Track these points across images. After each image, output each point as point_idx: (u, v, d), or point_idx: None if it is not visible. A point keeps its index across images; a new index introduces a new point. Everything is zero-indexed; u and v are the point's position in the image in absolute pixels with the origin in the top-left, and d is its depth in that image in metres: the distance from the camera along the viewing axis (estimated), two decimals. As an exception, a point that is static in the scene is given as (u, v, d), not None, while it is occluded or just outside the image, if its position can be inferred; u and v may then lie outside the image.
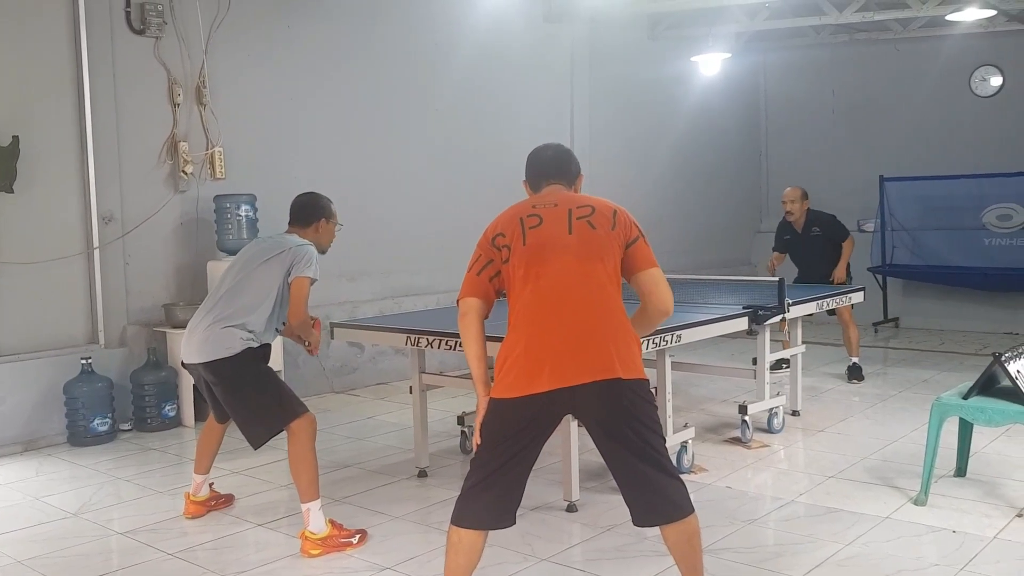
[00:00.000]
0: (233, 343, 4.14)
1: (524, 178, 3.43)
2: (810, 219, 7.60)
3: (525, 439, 3.01)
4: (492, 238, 3.18)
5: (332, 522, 4.12)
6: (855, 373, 7.46)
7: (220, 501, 4.70)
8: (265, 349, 4.31)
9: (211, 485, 4.68)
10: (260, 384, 4.22)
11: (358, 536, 4.14)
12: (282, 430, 4.18)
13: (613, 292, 3.05)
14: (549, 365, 2.92)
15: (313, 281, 4.23)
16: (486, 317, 3.17)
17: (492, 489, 3.03)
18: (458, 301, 3.19)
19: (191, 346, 4.25)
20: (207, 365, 4.19)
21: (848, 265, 7.67)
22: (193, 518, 4.55)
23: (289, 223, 4.47)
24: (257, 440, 4.23)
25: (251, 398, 4.20)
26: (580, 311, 2.98)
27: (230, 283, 4.29)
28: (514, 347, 2.99)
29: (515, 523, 3.10)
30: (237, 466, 5.38)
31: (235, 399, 4.23)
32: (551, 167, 3.35)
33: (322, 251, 4.43)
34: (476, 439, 3.09)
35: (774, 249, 7.93)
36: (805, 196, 7.61)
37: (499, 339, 3.10)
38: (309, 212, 4.47)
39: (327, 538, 4.06)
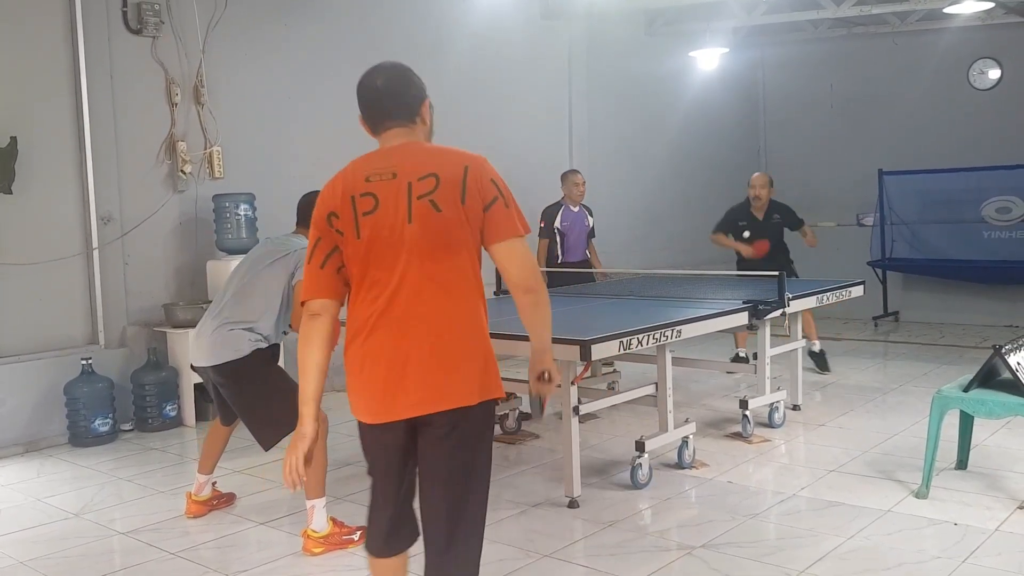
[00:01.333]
0: (241, 345, 4.13)
1: (360, 115, 2.75)
2: (771, 207, 7.75)
3: (397, 459, 2.64)
4: (327, 216, 2.60)
5: (333, 520, 4.12)
6: (820, 362, 7.59)
7: (222, 500, 4.70)
8: (274, 349, 4.31)
9: (214, 484, 4.68)
10: (270, 385, 4.21)
11: (359, 533, 4.13)
12: (292, 431, 4.16)
13: (469, 296, 2.55)
14: (394, 394, 2.51)
15: None
16: (337, 317, 2.67)
17: (387, 510, 2.72)
18: (302, 303, 2.65)
19: (200, 349, 4.24)
20: (216, 368, 4.18)
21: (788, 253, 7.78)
22: (195, 517, 4.55)
23: (296, 223, 4.43)
24: (267, 442, 4.23)
25: (260, 400, 4.19)
26: (426, 329, 2.50)
27: (237, 285, 4.28)
28: (354, 365, 2.59)
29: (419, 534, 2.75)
30: (239, 465, 5.38)
31: (244, 401, 4.23)
32: (386, 101, 2.69)
33: None
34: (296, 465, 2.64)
35: (716, 229, 7.81)
36: (771, 183, 7.83)
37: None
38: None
39: (328, 536, 4.06)
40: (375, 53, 7.77)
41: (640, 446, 4.75)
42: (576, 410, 4.49)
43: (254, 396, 4.20)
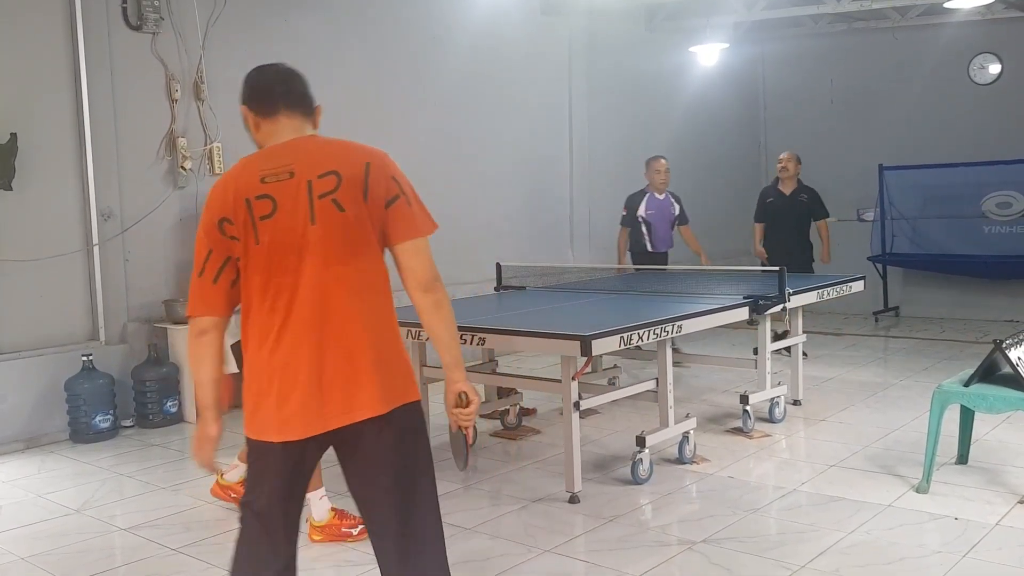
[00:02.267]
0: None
1: (242, 102, 2.54)
2: (800, 187, 7.96)
3: (294, 488, 2.49)
4: (218, 223, 2.40)
5: (335, 510, 4.15)
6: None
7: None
8: None
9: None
10: None
11: (359, 528, 4.14)
12: None
13: (377, 296, 2.44)
14: (313, 404, 2.35)
15: None
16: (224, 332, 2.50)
17: (276, 563, 2.48)
18: (189, 317, 2.48)
19: None
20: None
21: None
22: (215, 498, 4.58)
23: None
24: None
25: None
26: (336, 334, 2.36)
27: None
28: (261, 378, 2.40)
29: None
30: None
31: None
32: (282, 87, 2.52)
33: None
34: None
35: (756, 219, 8.14)
36: (799, 160, 8.01)
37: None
38: None
39: (327, 526, 4.11)
40: (375, 49, 7.78)
41: (641, 441, 4.75)
42: (577, 405, 4.49)
43: None
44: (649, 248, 7.79)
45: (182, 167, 6.70)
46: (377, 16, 7.96)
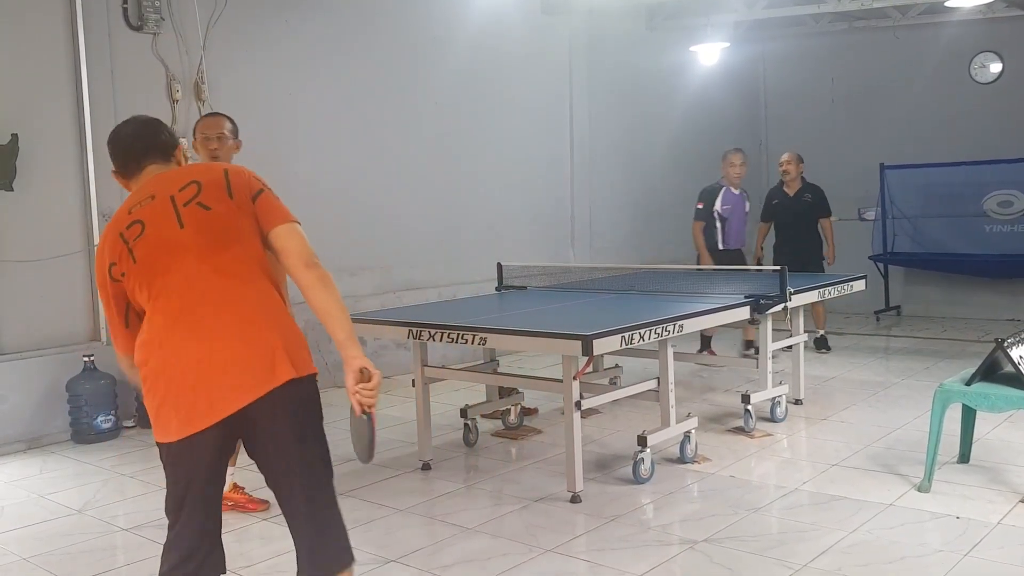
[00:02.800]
0: None
1: (113, 169, 2.78)
2: (804, 186, 7.94)
3: (212, 476, 2.55)
4: (108, 268, 2.57)
5: (236, 484, 4.49)
6: (823, 344, 7.94)
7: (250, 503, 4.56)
8: None
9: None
10: None
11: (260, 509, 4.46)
12: None
13: (259, 279, 2.54)
14: (206, 396, 2.42)
15: None
16: None
17: (202, 548, 2.56)
18: (121, 356, 2.67)
19: None
20: None
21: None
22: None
23: None
24: None
25: None
26: (222, 319, 2.45)
27: None
28: (156, 387, 2.47)
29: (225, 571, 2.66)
30: (240, 460, 5.37)
31: None
32: (140, 142, 2.73)
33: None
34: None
35: (762, 219, 8.16)
36: (801, 160, 7.99)
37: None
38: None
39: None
40: (375, 49, 7.79)
41: (642, 441, 4.75)
42: (578, 405, 4.49)
43: None
44: (720, 245, 7.62)
45: (183, 167, 6.70)
46: (377, 16, 7.96)
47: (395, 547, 4.00)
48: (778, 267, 5.83)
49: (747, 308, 5.31)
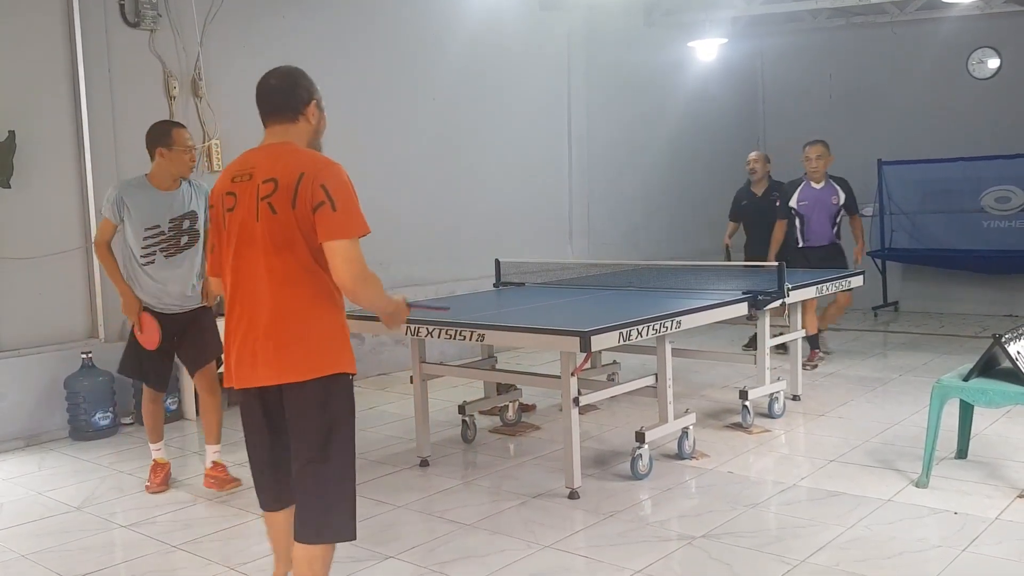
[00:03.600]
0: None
1: None
2: (772, 185, 7.74)
3: (259, 420, 3.00)
4: (210, 208, 3.07)
5: (216, 462, 4.86)
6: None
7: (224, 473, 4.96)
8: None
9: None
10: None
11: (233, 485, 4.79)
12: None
13: (300, 284, 2.83)
14: (236, 365, 2.91)
15: (107, 220, 4.83)
16: None
17: (264, 472, 3.10)
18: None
19: None
20: None
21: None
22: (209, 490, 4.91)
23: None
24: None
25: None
26: (261, 310, 2.84)
27: None
28: (225, 335, 3.02)
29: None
30: (240, 457, 5.37)
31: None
32: (271, 100, 3.03)
33: (182, 175, 4.85)
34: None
35: (730, 218, 8.06)
36: (768, 160, 7.80)
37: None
38: (147, 144, 4.83)
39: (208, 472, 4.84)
40: (373, 45, 7.78)
41: (640, 437, 4.75)
42: (576, 401, 4.49)
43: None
44: (800, 243, 7.36)
45: (180, 164, 6.69)
46: (375, 12, 7.95)
47: (393, 543, 4.00)
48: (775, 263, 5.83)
49: (745, 304, 5.31)
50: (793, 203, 7.40)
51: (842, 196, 7.37)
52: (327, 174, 2.82)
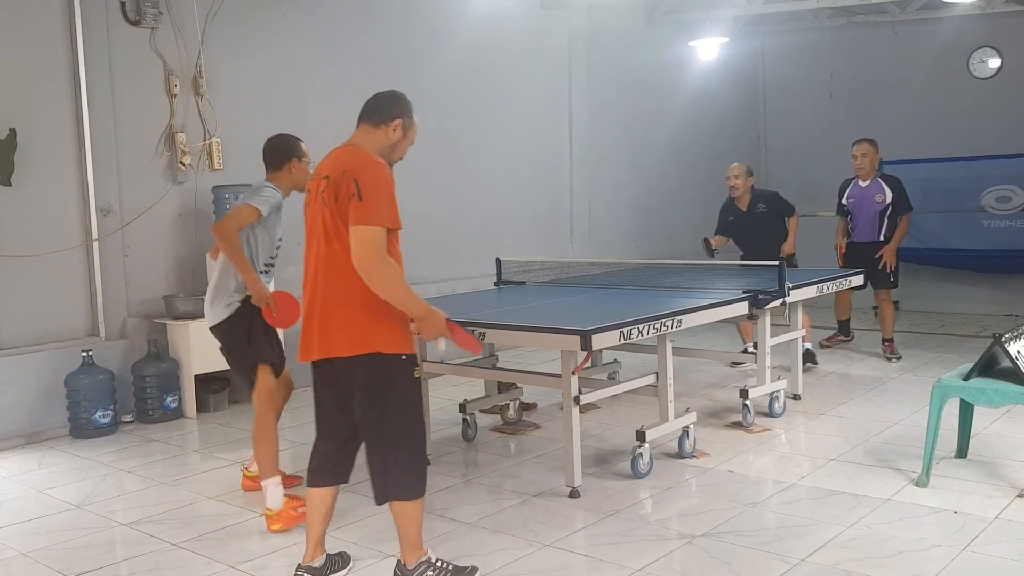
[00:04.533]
0: (218, 311, 4.41)
1: None
2: (755, 196, 7.43)
3: (322, 392, 3.44)
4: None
5: (288, 496, 4.31)
6: (809, 358, 7.25)
7: (284, 478, 4.61)
8: (254, 313, 4.42)
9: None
10: (244, 337, 4.43)
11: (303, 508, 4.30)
12: (256, 370, 4.43)
13: (341, 272, 3.21)
14: (302, 341, 3.35)
15: (258, 212, 4.30)
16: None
17: (319, 444, 3.50)
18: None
19: (206, 311, 4.54)
20: (211, 331, 4.53)
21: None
22: (250, 491, 4.71)
23: (266, 170, 4.59)
24: (248, 381, 4.53)
25: (236, 349, 4.49)
26: (318, 293, 3.28)
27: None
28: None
29: (346, 481, 3.55)
30: (240, 456, 5.38)
31: (228, 354, 4.56)
32: (368, 104, 3.51)
33: (300, 189, 4.44)
34: None
35: (716, 232, 7.65)
36: (750, 173, 7.47)
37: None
38: (281, 155, 4.56)
39: (282, 512, 4.21)
40: (374, 43, 7.77)
41: (641, 436, 4.75)
42: (577, 400, 4.49)
43: (234, 346, 4.49)
44: (852, 238, 7.68)
45: (181, 162, 6.70)
46: (376, 11, 7.95)
47: (394, 542, 3.99)
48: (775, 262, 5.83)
49: (745, 303, 5.31)
50: (844, 200, 7.64)
51: (889, 195, 7.52)
52: (363, 171, 3.19)
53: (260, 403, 4.40)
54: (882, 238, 7.58)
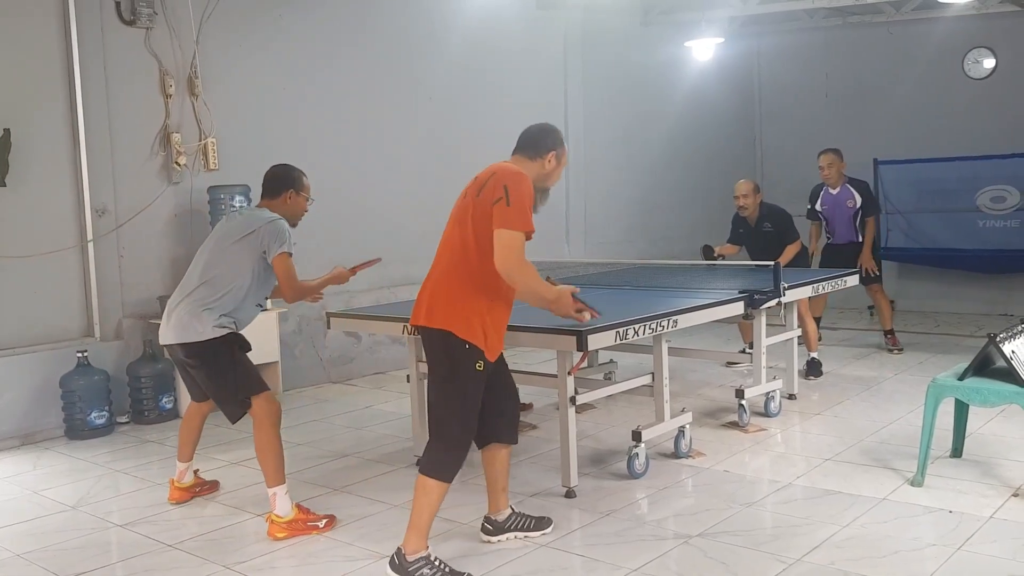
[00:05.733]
0: (205, 328, 4.18)
1: None
2: (762, 213, 7.33)
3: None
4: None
5: (299, 506, 4.21)
6: (813, 369, 7.05)
7: (204, 488, 4.77)
8: (238, 337, 4.31)
9: (196, 472, 4.77)
10: (233, 359, 4.26)
11: (325, 520, 4.20)
12: (250, 404, 4.24)
13: (464, 254, 3.54)
14: (415, 305, 3.67)
15: (291, 254, 4.26)
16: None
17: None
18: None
19: (168, 327, 4.31)
20: (182, 347, 4.26)
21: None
22: (178, 504, 4.63)
23: (261, 196, 4.49)
24: (234, 416, 4.34)
25: (227, 374, 4.26)
26: (436, 267, 3.65)
27: (204, 261, 4.34)
28: None
29: (511, 441, 3.94)
30: (235, 457, 5.38)
31: (210, 378, 4.31)
32: (522, 138, 3.92)
33: (292, 224, 4.39)
34: None
35: (728, 240, 7.64)
36: (757, 190, 7.38)
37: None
38: (278, 184, 4.48)
39: (293, 521, 4.13)
40: (369, 44, 7.77)
41: (637, 436, 4.75)
42: (573, 400, 4.49)
43: (219, 372, 4.26)
44: (830, 239, 7.93)
45: (176, 163, 6.69)
46: (371, 11, 7.94)
47: (390, 542, 3.99)
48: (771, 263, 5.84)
49: (741, 303, 5.32)
50: (817, 206, 7.88)
51: (859, 199, 7.76)
52: (512, 179, 3.54)
53: (269, 430, 4.21)
54: (860, 239, 7.81)
